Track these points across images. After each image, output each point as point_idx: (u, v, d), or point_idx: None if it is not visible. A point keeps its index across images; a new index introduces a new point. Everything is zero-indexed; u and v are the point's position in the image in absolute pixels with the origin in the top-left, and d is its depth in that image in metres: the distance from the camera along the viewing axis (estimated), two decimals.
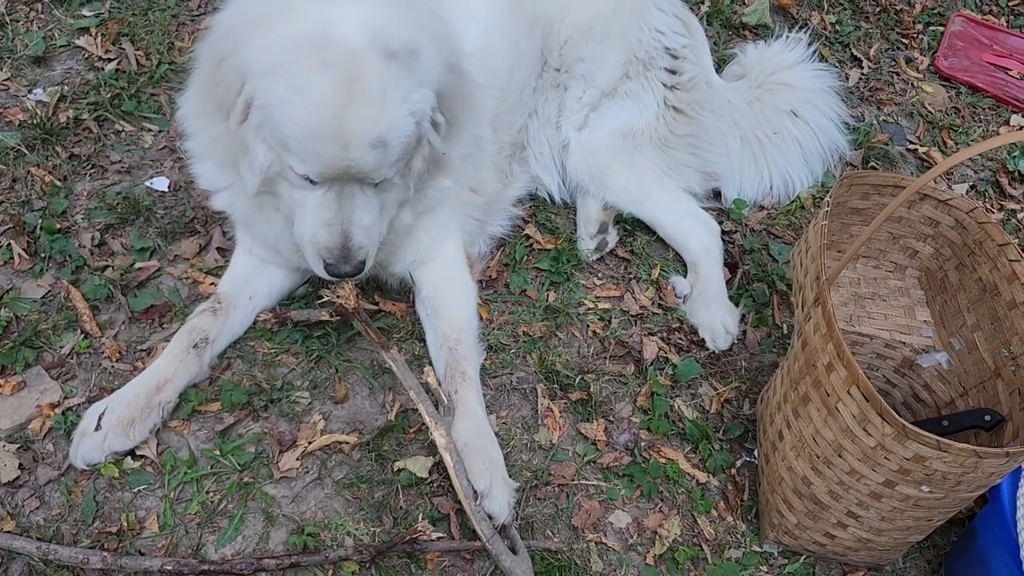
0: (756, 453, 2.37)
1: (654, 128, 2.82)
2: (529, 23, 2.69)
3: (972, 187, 3.31)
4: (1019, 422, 1.99)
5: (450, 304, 2.38)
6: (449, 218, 2.47)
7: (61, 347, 2.27)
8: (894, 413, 1.76)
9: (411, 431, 2.27)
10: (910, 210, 2.34)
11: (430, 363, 2.35)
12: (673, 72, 2.83)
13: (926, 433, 1.73)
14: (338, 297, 2.16)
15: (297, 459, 2.15)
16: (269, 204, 2.13)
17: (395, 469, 2.18)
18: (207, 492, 2.09)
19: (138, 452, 2.10)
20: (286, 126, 1.82)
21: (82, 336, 2.30)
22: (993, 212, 3.24)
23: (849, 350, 1.83)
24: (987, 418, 2.06)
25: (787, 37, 3.22)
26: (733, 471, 2.37)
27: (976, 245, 2.24)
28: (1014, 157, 3.39)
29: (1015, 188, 3.31)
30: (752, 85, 3.12)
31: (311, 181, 1.89)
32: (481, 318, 2.51)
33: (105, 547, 1.95)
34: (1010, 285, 2.13)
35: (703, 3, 3.60)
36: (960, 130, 3.46)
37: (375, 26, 1.81)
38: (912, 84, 3.60)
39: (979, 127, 3.49)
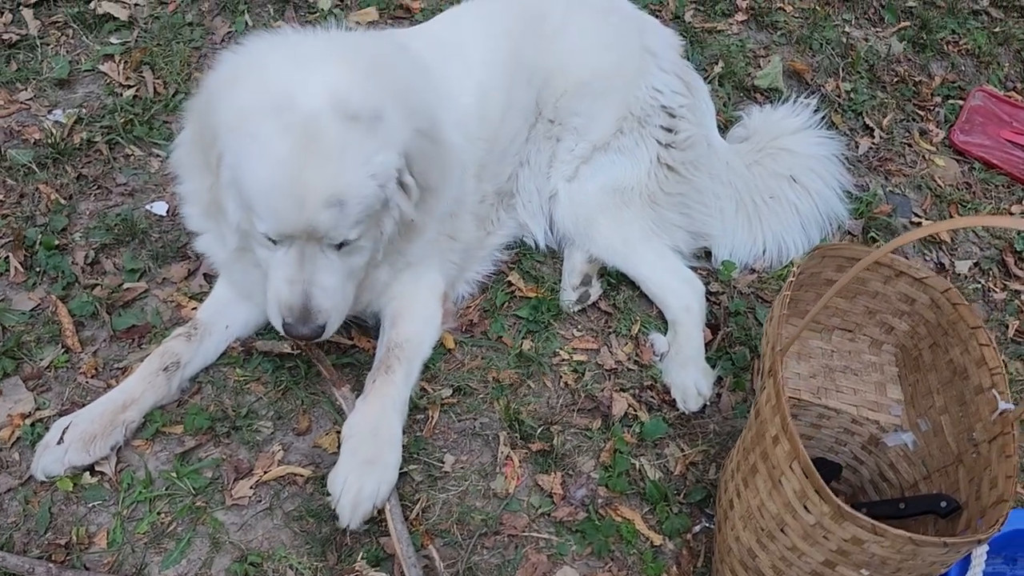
0: (715, 520, 2.34)
1: (644, 185, 2.82)
2: (527, 75, 2.73)
3: (976, 264, 3.25)
4: (974, 512, 1.94)
5: (407, 320, 2.42)
6: (428, 268, 2.51)
7: (41, 359, 2.35)
8: (830, 492, 1.73)
9: None
10: (886, 285, 2.31)
11: None
12: (669, 130, 2.84)
13: (860, 515, 1.70)
14: None
15: (251, 487, 2.19)
16: (248, 257, 2.19)
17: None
18: (158, 513, 2.13)
19: (97, 468, 2.15)
20: (248, 184, 1.90)
21: (63, 350, 2.38)
22: (996, 292, 3.18)
23: (793, 423, 1.81)
24: (943, 504, 2.01)
25: (794, 102, 3.23)
26: (689, 536, 2.34)
27: (950, 326, 2.21)
28: (1023, 236, 3.33)
29: (1021, 268, 3.24)
30: (754, 148, 3.12)
31: (272, 240, 1.96)
32: (447, 348, 2.57)
33: (52, 558, 2.01)
34: (978, 369, 2.09)
35: (717, 63, 3.63)
36: (969, 205, 3.41)
37: (339, 90, 1.89)
38: (924, 156, 3.57)
39: (989, 204, 3.44)
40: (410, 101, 2.07)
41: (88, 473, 2.16)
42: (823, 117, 3.37)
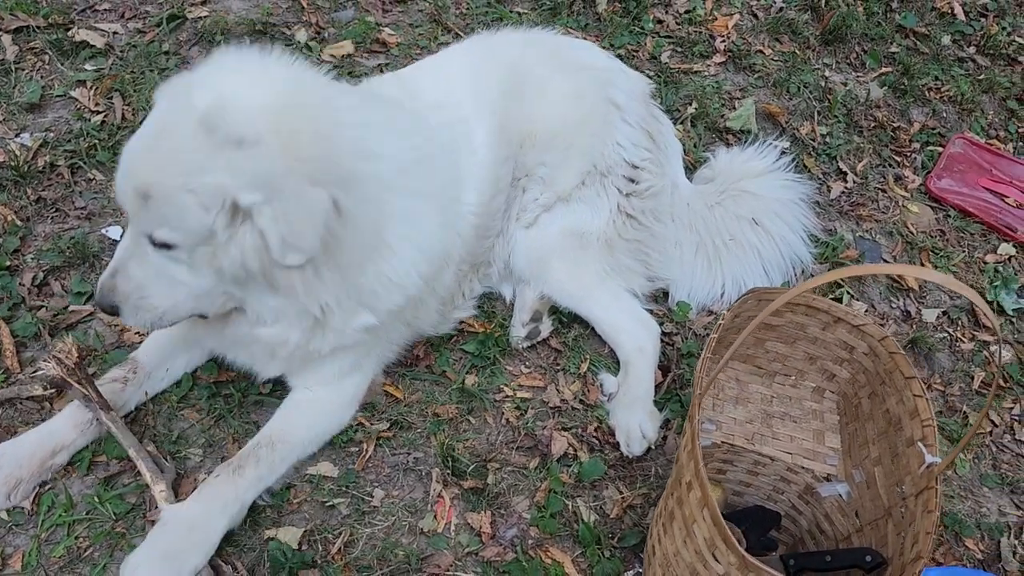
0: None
1: (603, 231, 2.79)
2: (508, 146, 2.69)
3: (944, 313, 3.19)
4: (896, 569, 1.88)
5: (301, 414, 2.33)
6: (365, 356, 2.42)
7: None
8: (735, 542, 1.69)
9: (294, 502, 2.28)
10: (825, 332, 2.28)
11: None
12: (632, 180, 2.82)
13: (765, 567, 1.65)
14: (57, 353, 2.16)
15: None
16: None
17: (266, 537, 2.18)
18: (76, 537, 2.12)
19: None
20: None
21: (1, 371, 2.39)
22: (964, 342, 3.11)
23: (704, 469, 1.77)
24: (868, 559, 1.95)
25: (760, 144, 3.22)
26: None
27: (887, 375, 2.16)
28: (995, 287, 3.28)
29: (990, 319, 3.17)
30: (717, 190, 3.10)
31: None
32: (398, 400, 2.54)
33: None
34: (911, 421, 2.04)
35: (691, 104, 3.62)
36: (942, 253, 3.36)
37: (227, 104, 1.80)
38: (898, 202, 3.53)
39: (962, 252, 3.39)
40: (310, 150, 1.88)
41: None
42: (793, 160, 3.36)
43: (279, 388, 2.46)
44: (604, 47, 3.48)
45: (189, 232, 1.86)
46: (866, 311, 3.10)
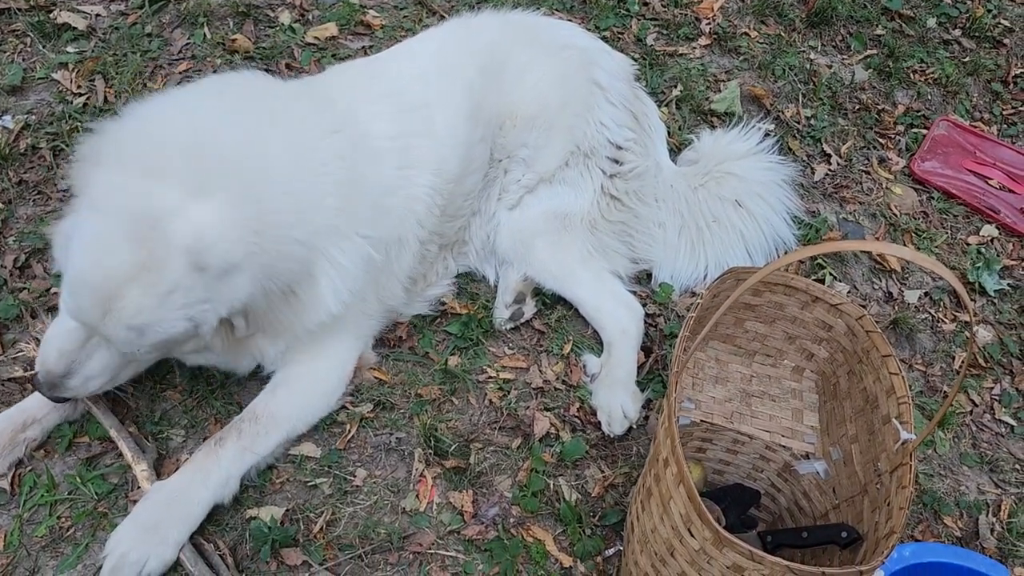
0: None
1: (587, 212, 2.81)
2: (484, 127, 2.69)
3: (927, 295, 3.21)
4: (871, 544, 1.90)
5: (288, 391, 2.33)
6: (336, 338, 2.41)
7: None
8: (710, 516, 1.70)
9: (276, 482, 2.29)
10: (804, 311, 2.29)
11: None
12: (616, 161, 2.84)
13: (739, 541, 1.67)
14: (38, 335, 2.25)
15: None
16: None
17: (248, 516, 2.19)
18: (58, 517, 2.13)
19: None
20: (73, 261, 1.86)
21: None
22: (946, 323, 3.13)
23: (680, 447, 1.78)
24: (843, 535, 1.97)
25: (743, 126, 3.22)
26: (600, 559, 2.31)
27: (864, 353, 2.18)
28: (977, 268, 3.30)
29: (972, 300, 3.20)
30: (701, 172, 3.11)
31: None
32: (382, 382, 2.55)
33: None
34: (887, 399, 2.05)
35: (676, 87, 3.62)
36: (925, 235, 3.38)
37: (205, 237, 1.83)
38: (882, 185, 3.54)
39: (945, 234, 3.40)
40: (279, 263, 2.00)
41: None
42: (777, 142, 3.37)
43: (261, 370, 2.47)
44: (589, 29, 3.48)
45: (165, 344, 1.97)
46: (848, 292, 3.12)
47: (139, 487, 2.14)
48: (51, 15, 3.30)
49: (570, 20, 3.59)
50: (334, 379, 2.42)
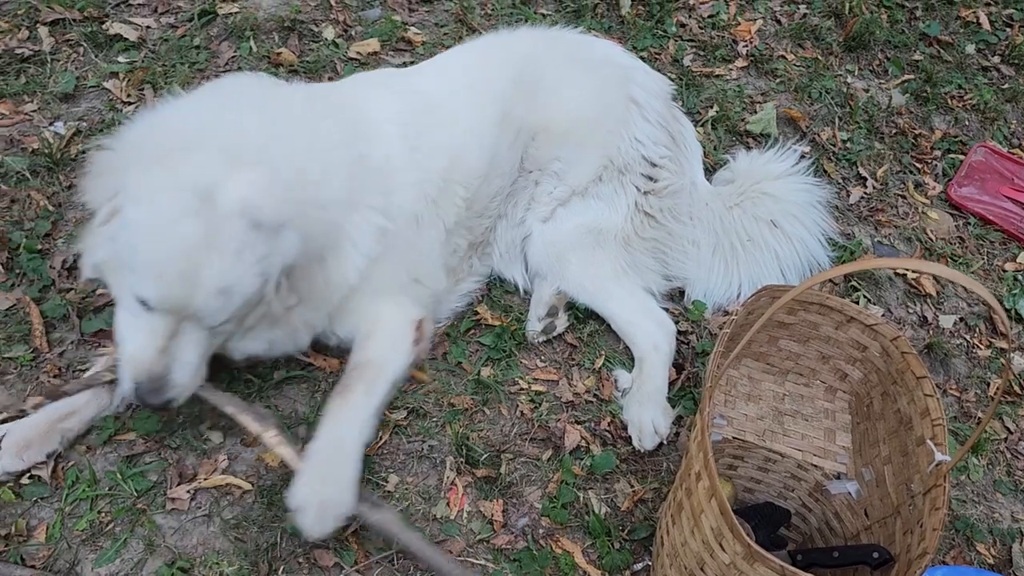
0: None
1: (620, 228, 2.84)
2: (514, 134, 2.77)
3: (961, 319, 3.19)
4: (903, 566, 1.90)
5: (370, 341, 2.46)
6: (396, 297, 2.55)
7: (7, 357, 2.43)
8: (742, 531, 1.71)
9: None
10: (838, 331, 2.29)
11: None
12: (650, 178, 2.87)
13: (770, 556, 1.68)
14: None
15: (187, 492, 2.22)
16: None
17: (282, 517, 2.23)
18: (99, 512, 2.18)
19: (34, 472, 2.21)
20: (143, 251, 1.95)
21: (30, 350, 2.46)
22: (981, 348, 3.11)
23: (713, 460, 1.80)
24: (875, 555, 1.97)
25: (779, 148, 3.23)
26: (628, 573, 2.31)
27: (899, 375, 2.18)
28: (1013, 295, 3.27)
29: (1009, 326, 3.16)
30: (736, 191, 3.12)
31: (147, 306, 1.99)
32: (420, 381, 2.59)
33: None
34: (922, 420, 2.05)
35: (712, 107, 3.65)
36: (960, 260, 3.36)
37: (253, 199, 2.00)
38: (917, 209, 3.53)
39: (981, 260, 3.39)
40: (312, 226, 2.16)
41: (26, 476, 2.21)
42: (813, 164, 3.38)
43: (296, 371, 2.52)
44: (627, 49, 3.51)
45: (247, 307, 2.10)
46: (883, 315, 3.11)
47: (270, 451, 2.25)
48: (103, 26, 3.41)
49: (608, 40, 3.63)
50: (398, 329, 2.52)
